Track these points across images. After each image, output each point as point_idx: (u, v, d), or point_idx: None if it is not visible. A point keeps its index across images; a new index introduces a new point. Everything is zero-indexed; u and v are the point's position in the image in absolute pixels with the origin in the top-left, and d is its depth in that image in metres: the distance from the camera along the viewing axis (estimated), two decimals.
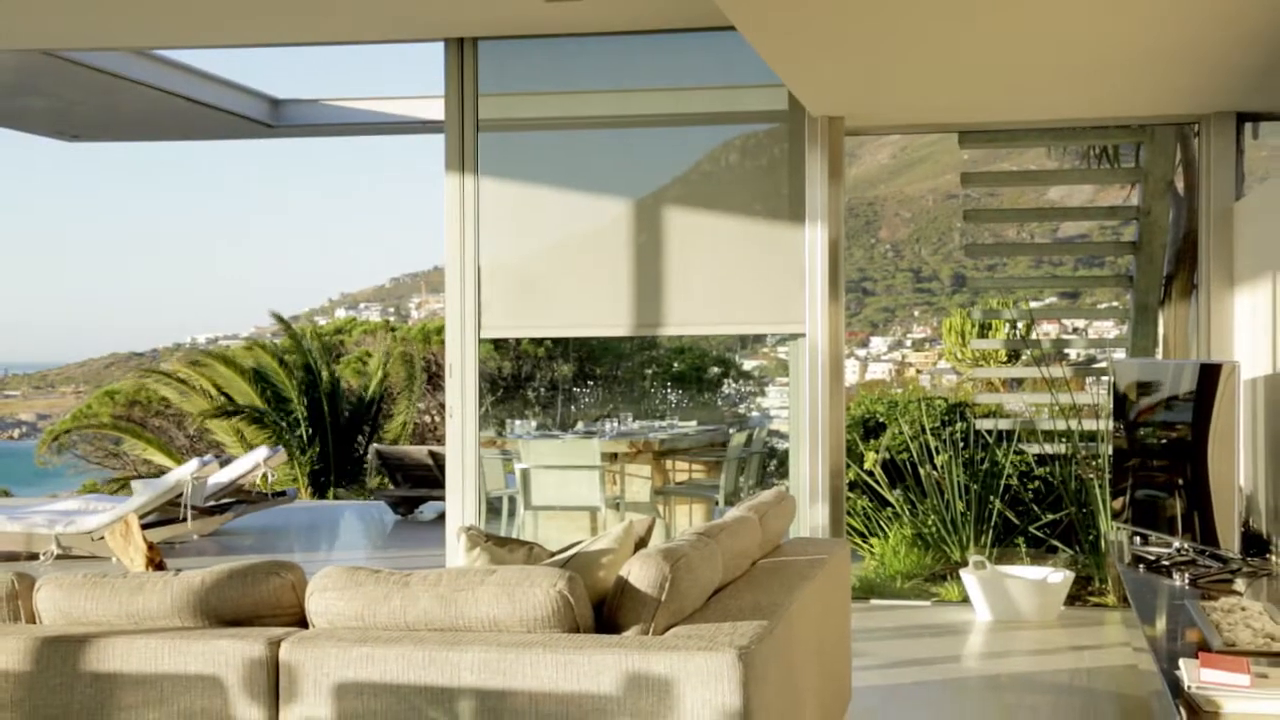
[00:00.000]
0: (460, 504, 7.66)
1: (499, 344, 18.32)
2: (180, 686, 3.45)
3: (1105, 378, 8.50)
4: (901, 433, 9.12)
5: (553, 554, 4.00)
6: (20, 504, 13.64)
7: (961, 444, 8.72)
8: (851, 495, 8.99)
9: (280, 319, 18.75)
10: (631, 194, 7.74)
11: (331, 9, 7.06)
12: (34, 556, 9.99)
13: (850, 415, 10.00)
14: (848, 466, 8.09)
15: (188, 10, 7.04)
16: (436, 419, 19.36)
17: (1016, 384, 13.81)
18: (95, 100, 9.79)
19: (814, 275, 7.42)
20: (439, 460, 11.81)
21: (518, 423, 12.12)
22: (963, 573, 7.62)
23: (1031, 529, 8.65)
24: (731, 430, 11.76)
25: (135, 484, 11.30)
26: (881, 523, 8.82)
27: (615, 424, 11.46)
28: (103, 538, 9.73)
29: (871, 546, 8.76)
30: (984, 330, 15.36)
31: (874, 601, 8.01)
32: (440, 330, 18.63)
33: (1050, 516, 8.62)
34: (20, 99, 10.03)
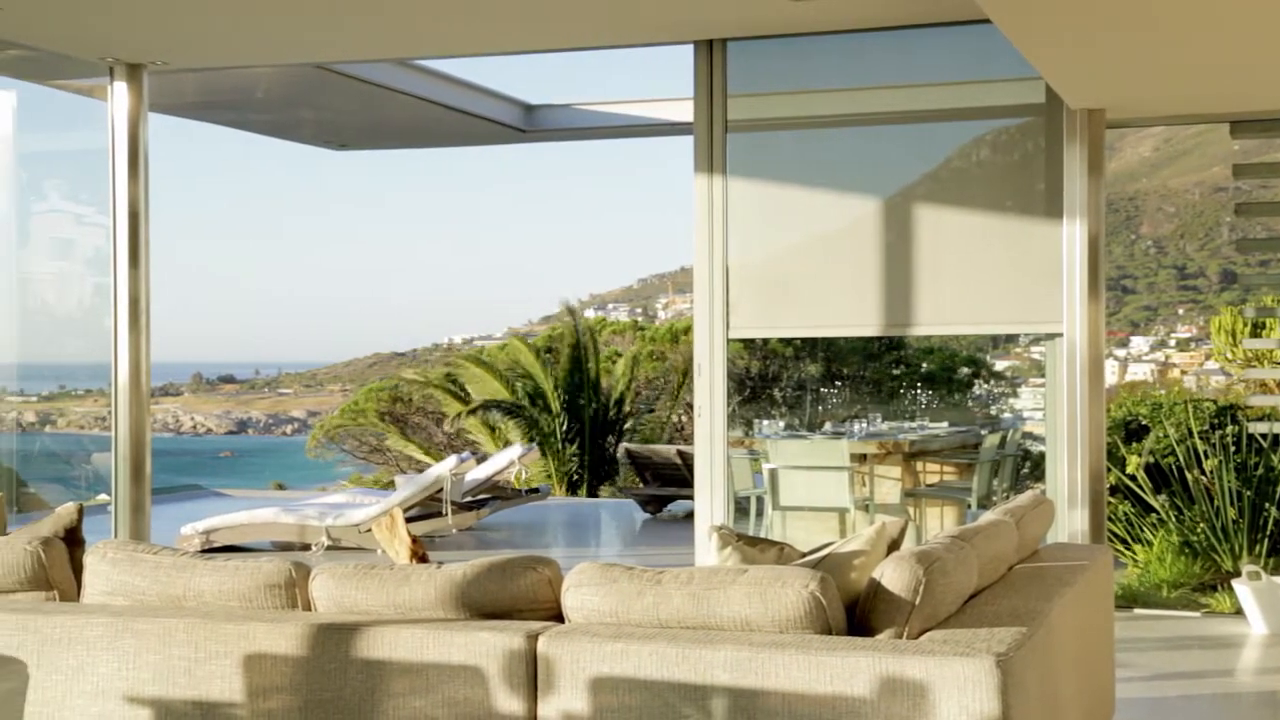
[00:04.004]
0: (709, 503, 7.70)
1: (747, 343, 18.34)
2: (444, 676, 3.58)
3: None
4: (1166, 436, 8.74)
5: (804, 554, 3.99)
6: (293, 497, 14.39)
7: (1233, 448, 8.30)
8: (1112, 500, 8.66)
9: (570, 310, 19.15)
10: (880, 192, 7.64)
11: (584, 14, 7.20)
12: (306, 547, 10.51)
13: (1110, 417, 9.63)
14: (1108, 470, 7.79)
15: (446, 21, 7.29)
16: (684, 418, 19.51)
17: None
18: (361, 110, 10.24)
19: (1072, 273, 7.18)
20: (687, 459, 11.90)
21: (765, 422, 12.11)
22: (1235, 583, 7.25)
23: None
24: (983, 431, 11.48)
25: (398, 479, 11.76)
26: (1145, 529, 8.48)
27: (864, 424, 11.33)
28: (369, 530, 10.16)
29: (1135, 554, 8.42)
30: (1256, 329, 14.57)
31: (1138, 611, 7.70)
32: (687, 330, 18.76)
33: None
34: (292, 111, 10.58)
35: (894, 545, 3.99)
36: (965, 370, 20.22)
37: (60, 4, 6.96)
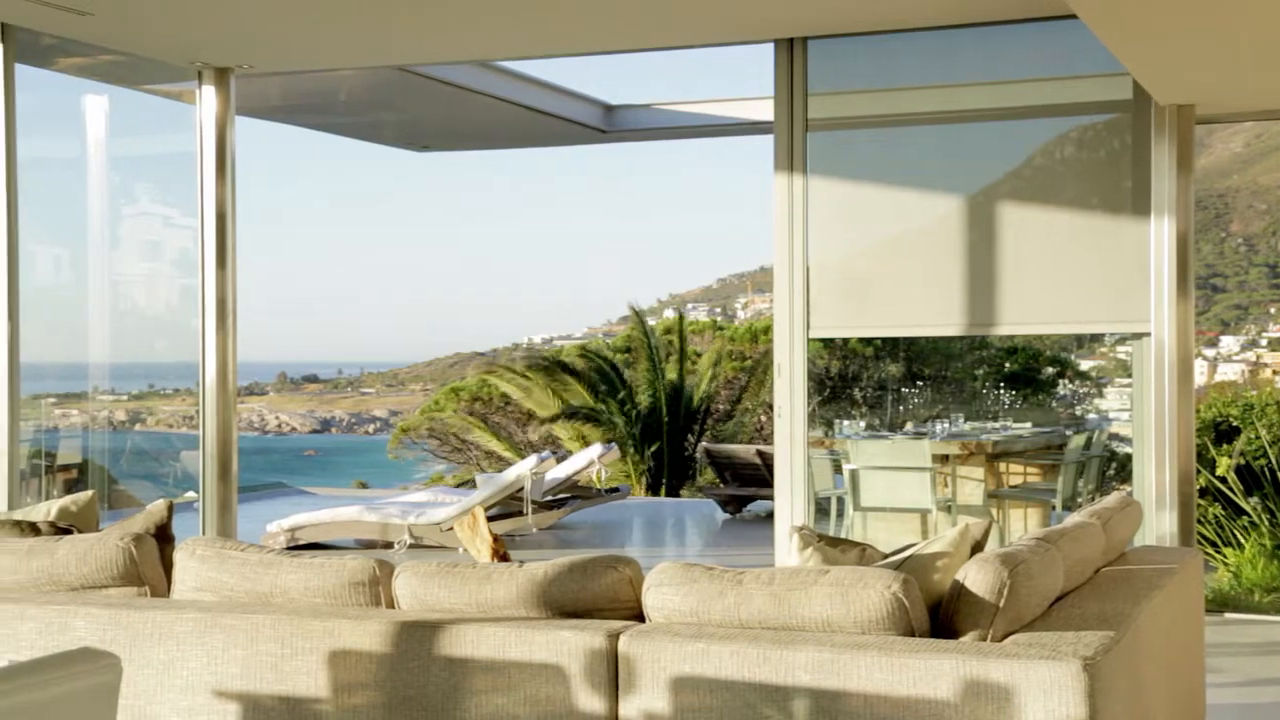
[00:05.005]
0: (789, 503, 7.67)
1: (827, 343, 18.24)
2: (526, 674, 3.59)
3: None
4: (1258, 437, 8.56)
5: (886, 556, 3.95)
6: (376, 495, 14.54)
7: None
8: (1202, 503, 8.50)
9: (637, 312, 19.17)
10: (962, 190, 7.56)
11: (665, 14, 7.20)
12: (388, 545, 10.61)
13: (1200, 418, 9.46)
14: (1198, 472, 7.65)
15: (527, 22, 7.33)
16: (763, 418, 19.45)
17: None
18: (442, 112, 10.32)
19: (1160, 272, 7.06)
20: (766, 459, 11.86)
21: (845, 423, 12.04)
22: None
23: None
24: (1068, 432, 11.33)
25: (479, 478, 11.84)
26: (1236, 532, 8.31)
27: (946, 425, 11.23)
28: (451, 529, 10.24)
29: (1225, 557, 8.27)
30: None
31: (1229, 615, 7.55)
32: (767, 329, 18.70)
33: None
34: (374, 113, 10.69)
35: (977, 547, 3.95)
36: (1050, 370, 19.96)
37: (150, 10, 7.09)
